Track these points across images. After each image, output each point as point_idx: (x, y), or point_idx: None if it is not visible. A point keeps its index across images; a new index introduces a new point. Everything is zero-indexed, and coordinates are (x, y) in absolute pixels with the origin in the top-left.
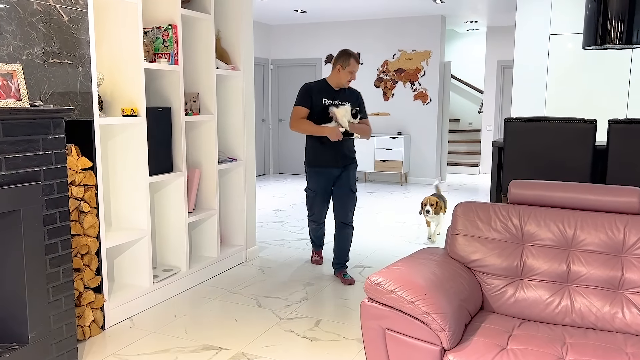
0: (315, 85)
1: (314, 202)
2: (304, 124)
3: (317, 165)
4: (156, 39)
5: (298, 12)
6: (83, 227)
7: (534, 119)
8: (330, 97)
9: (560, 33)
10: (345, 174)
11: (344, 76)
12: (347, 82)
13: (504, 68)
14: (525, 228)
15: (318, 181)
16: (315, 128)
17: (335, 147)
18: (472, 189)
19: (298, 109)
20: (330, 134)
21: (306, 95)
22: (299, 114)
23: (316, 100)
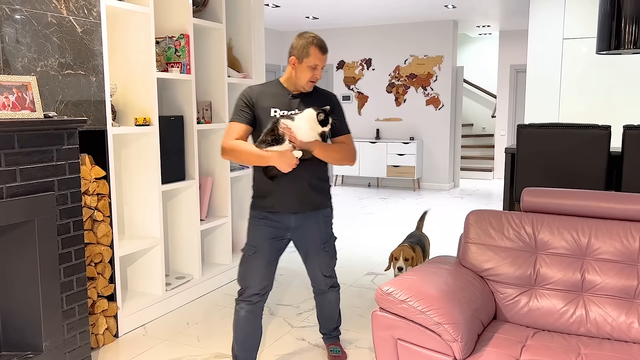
0: (260, 89)
1: (250, 267)
2: (238, 147)
3: (261, 208)
4: (168, 49)
5: (309, 18)
6: (96, 235)
7: (547, 125)
8: (283, 105)
9: (573, 37)
10: (312, 224)
11: (301, 74)
12: (309, 84)
13: (517, 72)
14: (538, 236)
15: (259, 233)
16: (253, 154)
17: (292, 179)
18: (485, 194)
19: (232, 125)
20: (279, 162)
21: (243, 105)
22: (232, 134)
23: (262, 112)
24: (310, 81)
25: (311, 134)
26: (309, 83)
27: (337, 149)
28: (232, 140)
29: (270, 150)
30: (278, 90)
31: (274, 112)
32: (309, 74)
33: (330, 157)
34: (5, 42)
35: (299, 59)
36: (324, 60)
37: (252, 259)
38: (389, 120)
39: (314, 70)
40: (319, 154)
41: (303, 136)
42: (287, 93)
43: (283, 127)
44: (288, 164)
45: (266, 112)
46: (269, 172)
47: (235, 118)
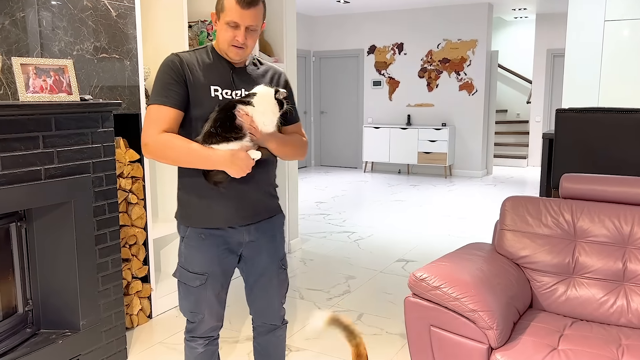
0: (191, 57)
1: (201, 299)
2: (172, 145)
3: (203, 223)
4: (201, 33)
5: (340, 2)
6: (131, 218)
7: (588, 109)
8: (225, 82)
9: (615, 19)
10: (268, 235)
11: (220, 35)
12: (231, 50)
13: (554, 57)
14: (577, 224)
15: (205, 257)
16: (194, 156)
17: (246, 185)
18: (519, 182)
19: (155, 110)
20: (231, 167)
21: (171, 80)
22: (157, 122)
23: (198, 90)
24: (233, 45)
25: (273, 122)
26: (232, 48)
27: (293, 142)
28: (160, 134)
29: (217, 151)
30: (215, 61)
31: (215, 92)
32: (229, 35)
33: (286, 153)
34: (43, 26)
35: (217, 14)
36: (249, 18)
37: (202, 290)
38: (421, 106)
39: (234, 30)
40: (276, 149)
41: (265, 126)
42: (227, 65)
43: (242, 114)
44: (242, 168)
45: (204, 91)
46: (211, 177)
47: (158, 99)
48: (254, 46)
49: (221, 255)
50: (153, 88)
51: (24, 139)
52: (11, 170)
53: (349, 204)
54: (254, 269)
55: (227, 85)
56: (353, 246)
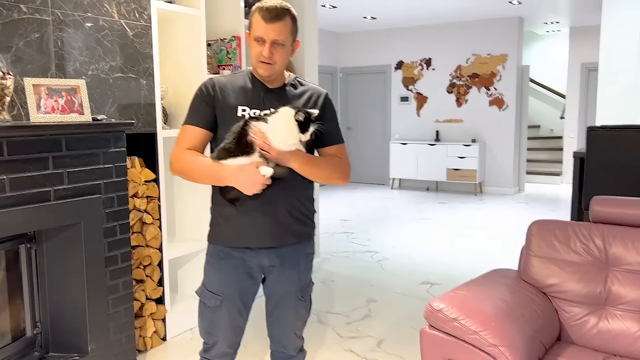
0: (226, 80)
1: (216, 320)
2: (186, 160)
3: (221, 242)
4: (220, 51)
5: (367, 18)
6: (145, 238)
7: (621, 127)
8: (255, 102)
9: None
10: (289, 263)
11: (251, 52)
12: (260, 66)
13: (589, 71)
14: (610, 250)
15: (222, 277)
16: (204, 170)
17: (263, 203)
18: (552, 200)
19: (184, 130)
20: (239, 182)
21: (200, 102)
22: (184, 141)
23: (225, 111)
24: (260, 61)
25: (290, 141)
26: (259, 65)
27: (324, 164)
28: (181, 151)
29: (226, 166)
30: (248, 82)
31: (242, 112)
32: (256, 51)
33: (314, 174)
34: (58, 46)
35: (249, 32)
36: (273, 32)
37: (216, 310)
38: (450, 122)
39: (261, 45)
40: (300, 169)
41: (280, 144)
42: (259, 86)
43: (253, 131)
44: (252, 183)
45: (231, 112)
46: (225, 194)
47: (187, 120)
48: (283, 63)
49: (239, 278)
50: (188, 110)
51: (33, 160)
52: (20, 192)
53: (374, 222)
54: (272, 296)
55: (256, 105)
56: (376, 267)
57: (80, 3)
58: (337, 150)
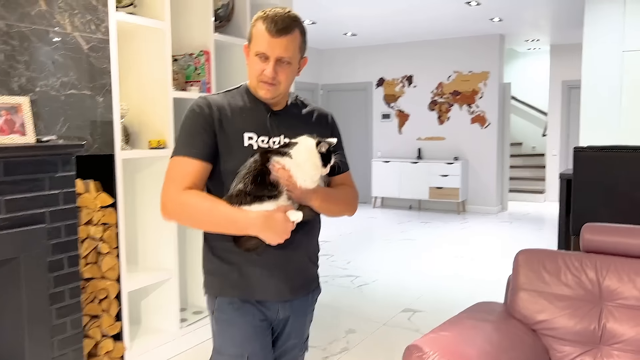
0: (223, 99)
1: None
2: (194, 206)
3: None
4: (188, 67)
5: (348, 35)
6: (101, 269)
7: (609, 148)
8: (260, 126)
9: (635, 49)
10: (301, 313)
11: (250, 68)
12: (260, 86)
13: (570, 88)
14: (603, 283)
15: (243, 330)
16: (220, 218)
17: (285, 251)
18: (536, 218)
19: (178, 163)
20: (267, 233)
21: (198, 127)
22: (179, 178)
23: (229, 139)
24: (261, 81)
25: (315, 177)
26: (261, 85)
27: (340, 197)
28: (181, 193)
29: (249, 212)
30: (250, 104)
31: (249, 140)
32: (257, 69)
33: (331, 210)
34: (0, 60)
35: (248, 45)
36: (279, 48)
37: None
38: (432, 140)
39: (263, 62)
40: (320, 206)
41: (306, 181)
42: (263, 107)
43: (277, 168)
44: (282, 232)
45: (236, 140)
46: (243, 243)
47: (181, 150)
48: (289, 84)
49: (259, 327)
50: (176, 138)
51: None
52: None
53: (355, 243)
54: (276, 346)
55: (264, 131)
56: (356, 293)
57: (26, 14)
58: (345, 178)
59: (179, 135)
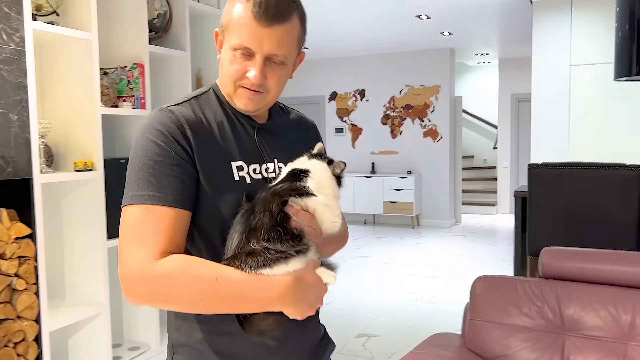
0: (193, 113)
1: None
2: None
3: None
4: (120, 80)
5: None
6: (16, 309)
7: (565, 165)
8: (249, 152)
9: (582, 63)
10: None
11: (225, 69)
12: (243, 95)
13: (519, 102)
14: (565, 312)
15: None
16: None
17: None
18: (489, 231)
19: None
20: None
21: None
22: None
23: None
24: (242, 86)
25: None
26: (240, 92)
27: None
28: (156, 263)
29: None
30: (229, 116)
31: (239, 173)
32: (236, 70)
33: (331, 251)
34: None
35: (221, 35)
36: (270, 41)
37: None
38: (385, 154)
39: (244, 60)
40: (330, 250)
41: (335, 224)
42: (245, 121)
43: (298, 211)
44: (315, 301)
45: (224, 174)
46: (256, 324)
47: (143, 194)
48: (279, 91)
49: None
50: (129, 175)
51: None
52: None
53: None
54: None
55: (253, 156)
56: None
57: None
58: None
59: (135, 170)
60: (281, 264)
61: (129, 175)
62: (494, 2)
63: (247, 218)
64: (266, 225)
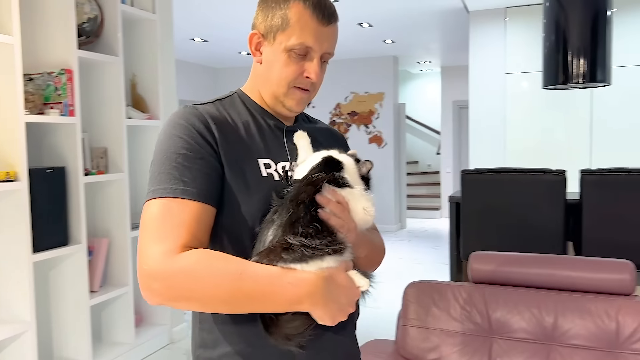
0: (219, 113)
1: None
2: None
3: None
4: (47, 86)
5: (243, 54)
6: None
7: (495, 170)
8: (277, 151)
9: (517, 72)
10: None
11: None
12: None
13: (460, 108)
14: (493, 315)
15: None
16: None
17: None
18: (434, 235)
19: (163, 209)
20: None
21: (196, 154)
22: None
23: (241, 169)
24: (296, 87)
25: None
26: (294, 92)
27: (378, 244)
28: (178, 257)
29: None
30: (257, 118)
31: (267, 170)
32: (293, 70)
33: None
34: None
35: (266, 35)
36: (328, 40)
37: None
38: None
39: (301, 60)
40: (365, 259)
41: (368, 221)
42: (274, 122)
43: (329, 201)
44: (346, 305)
45: (252, 171)
46: (281, 327)
47: (169, 189)
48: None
49: None
50: (152, 172)
51: None
52: None
53: None
54: None
55: (282, 155)
56: None
57: None
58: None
59: (158, 165)
60: (316, 260)
61: (152, 171)
62: (433, 12)
63: (282, 213)
64: (302, 218)
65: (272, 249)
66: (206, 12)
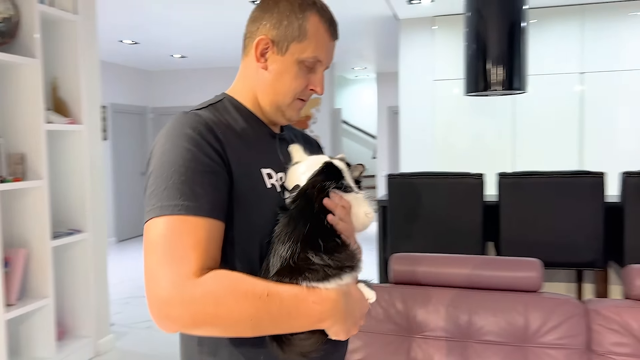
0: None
1: None
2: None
3: None
4: None
5: (176, 57)
6: None
7: (418, 174)
8: (274, 160)
9: (444, 79)
10: None
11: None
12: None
13: (394, 113)
14: (411, 315)
15: None
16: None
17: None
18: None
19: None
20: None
21: (205, 167)
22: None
23: (244, 179)
24: (299, 98)
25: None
26: (296, 104)
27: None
28: (196, 281)
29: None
30: (251, 124)
31: (269, 180)
32: (301, 82)
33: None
34: None
35: (277, 43)
36: (332, 53)
37: None
38: None
39: (309, 72)
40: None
41: (362, 218)
42: (265, 130)
43: (339, 209)
44: (359, 319)
45: (257, 182)
46: (296, 345)
47: (178, 205)
48: None
49: None
50: (155, 185)
51: None
52: None
53: None
54: None
55: (279, 164)
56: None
57: None
58: None
59: (163, 179)
60: (337, 278)
61: (155, 185)
62: (366, 20)
63: (298, 226)
64: (320, 233)
65: (294, 268)
66: (134, 14)
